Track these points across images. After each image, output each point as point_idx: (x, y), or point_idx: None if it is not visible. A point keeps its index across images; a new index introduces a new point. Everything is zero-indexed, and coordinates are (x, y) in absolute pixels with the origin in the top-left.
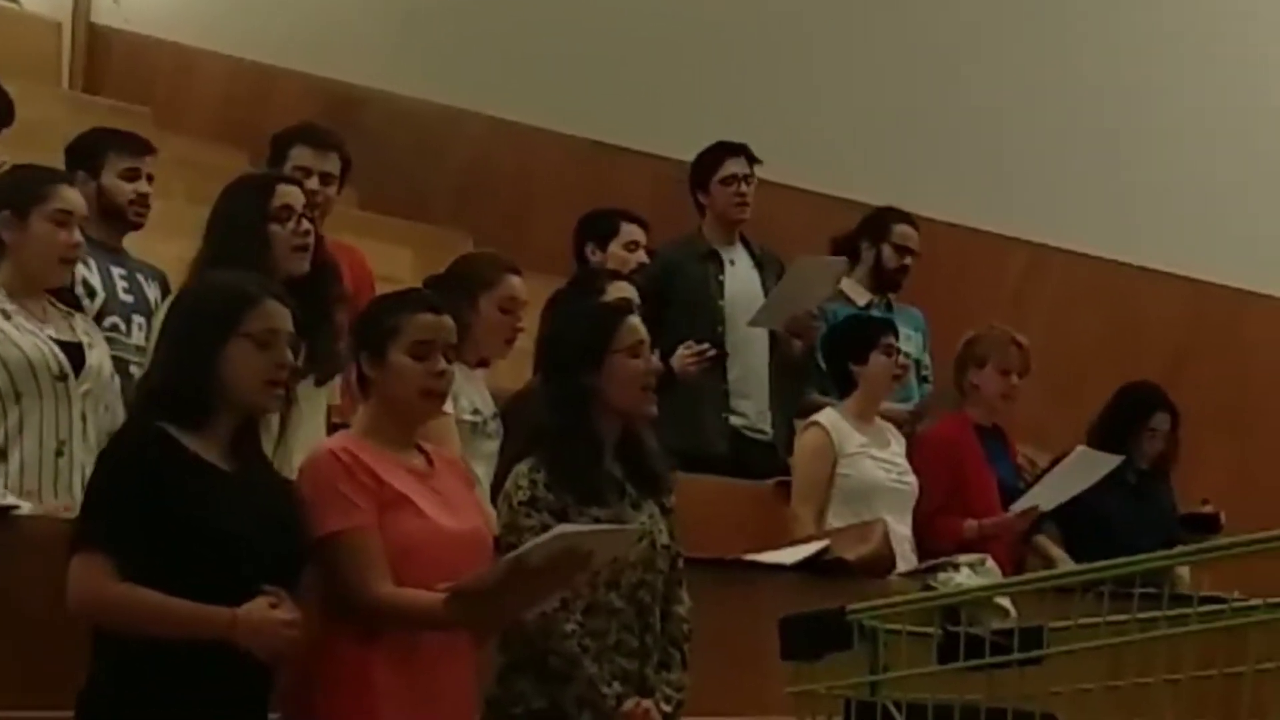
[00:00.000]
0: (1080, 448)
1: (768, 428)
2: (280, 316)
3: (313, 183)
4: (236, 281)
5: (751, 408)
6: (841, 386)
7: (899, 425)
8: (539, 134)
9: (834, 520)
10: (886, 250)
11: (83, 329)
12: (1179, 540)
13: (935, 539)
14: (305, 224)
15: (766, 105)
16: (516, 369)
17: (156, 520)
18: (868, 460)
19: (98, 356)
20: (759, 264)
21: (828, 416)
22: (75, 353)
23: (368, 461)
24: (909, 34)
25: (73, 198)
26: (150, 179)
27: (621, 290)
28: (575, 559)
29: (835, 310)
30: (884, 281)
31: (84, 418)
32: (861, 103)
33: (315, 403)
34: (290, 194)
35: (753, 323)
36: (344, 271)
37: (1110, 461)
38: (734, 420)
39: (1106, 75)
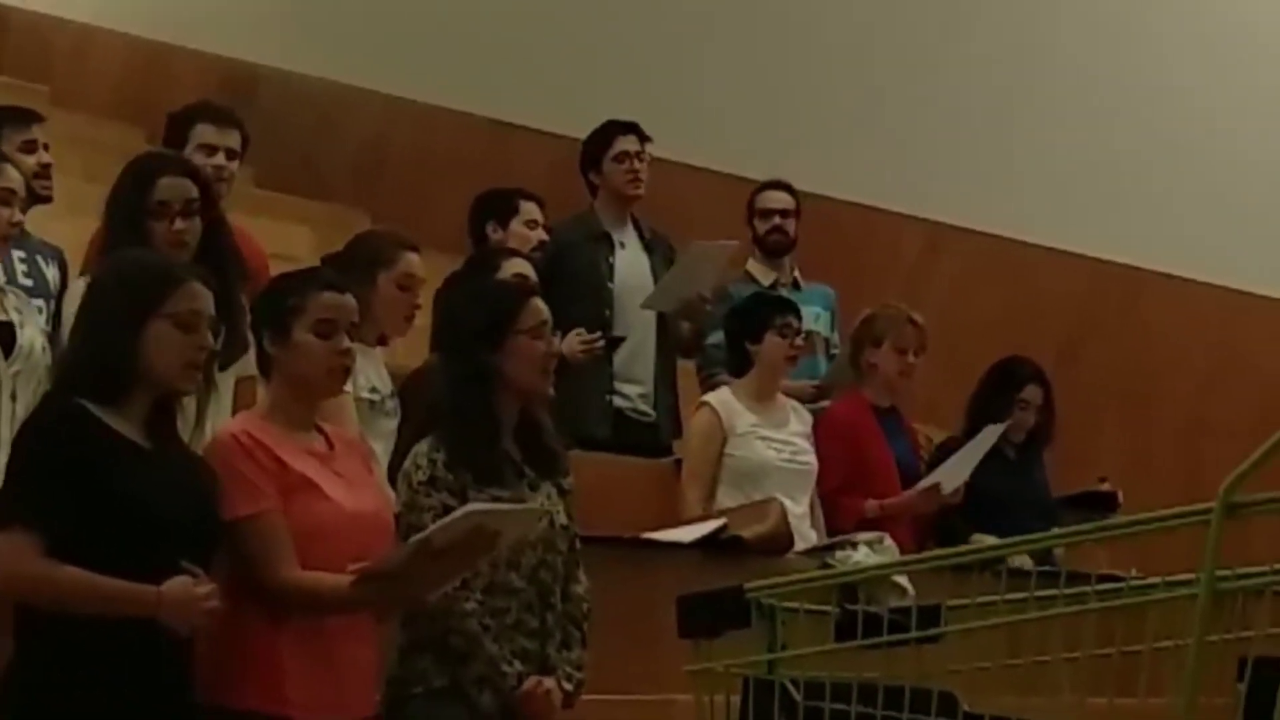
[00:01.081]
0: (990, 426)
1: (651, 410)
2: (203, 298)
3: (218, 158)
4: (161, 262)
5: (636, 390)
6: (738, 366)
7: (802, 400)
8: (437, 112)
9: (724, 500)
10: (756, 220)
11: (13, 305)
12: (1057, 516)
13: (838, 518)
14: (181, 223)
15: (662, 83)
16: (413, 347)
17: (79, 496)
18: (758, 440)
19: (29, 335)
20: (648, 247)
21: (718, 397)
22: (6, 332)
23: (269, 444)
24: (805, 11)
25: (12, 173)
26: (47, 148)
27: (518, 267)
28: (482, 538)
29: (738, 291)
30: (769, 250)
31: (14, 397)
32: (758, 81)
33: (222, 386)
34: (170, 189)
35: (645, 305)
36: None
37: (995, 430)
38: (618, 402)
39: (1003, 54)
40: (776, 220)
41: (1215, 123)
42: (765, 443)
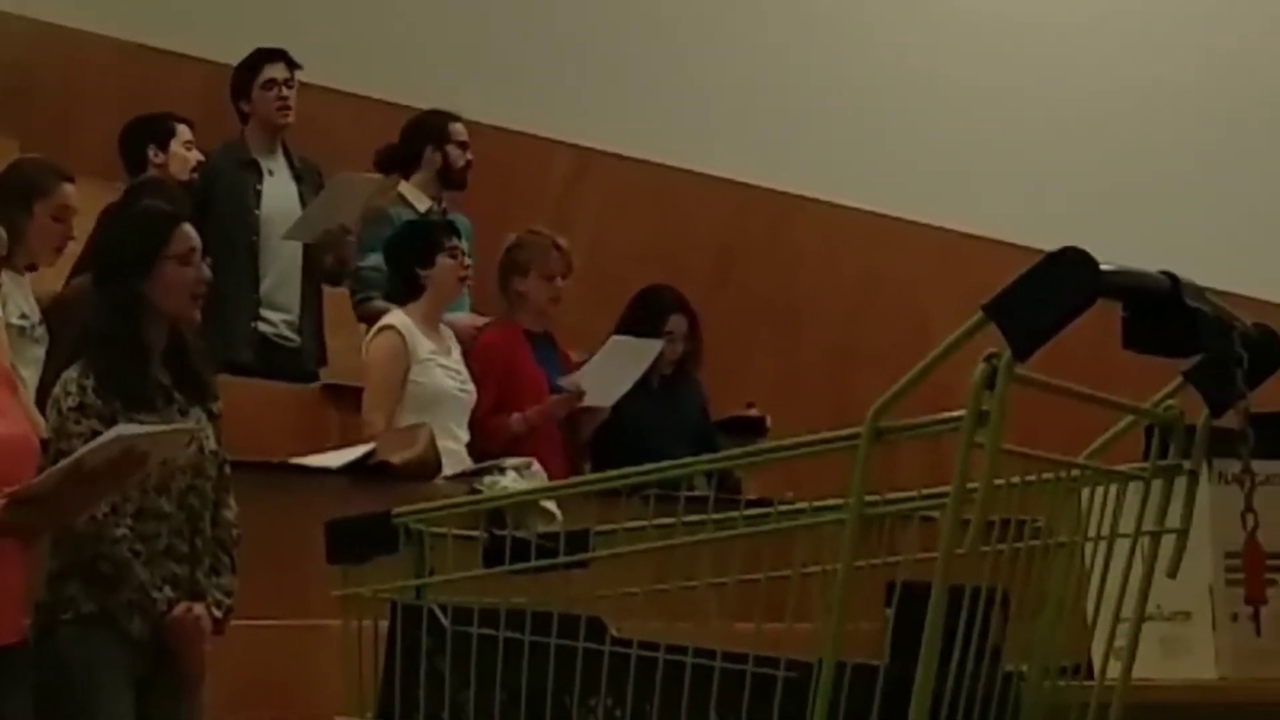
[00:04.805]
0: (615, 337)
1: (296, 335)
2: None
3: None
4: None
5: (281, 316)
6: (408, 292)
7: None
8: (85, 37)
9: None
10: (452, 150)
11: None
12: (712, 442)
13: (486, 440)
14: None
15: (316, 11)
16: (56, 272)
17: None
18: (438, 368)
19: None
20: (297, 175)
21: (400, 320)
22: None
23: None
24: None
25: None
26: None
27: None
28: (132, 460)
29: (398, 215)
30: (452, 181)
31: None
32: (404, 6)
33: None
34: None
35: (287, 236)
36: None
37: (651, 347)
38: (263, 328)
39: None
40: (469, 154)
41: (860, 49)
42: (444, 371)
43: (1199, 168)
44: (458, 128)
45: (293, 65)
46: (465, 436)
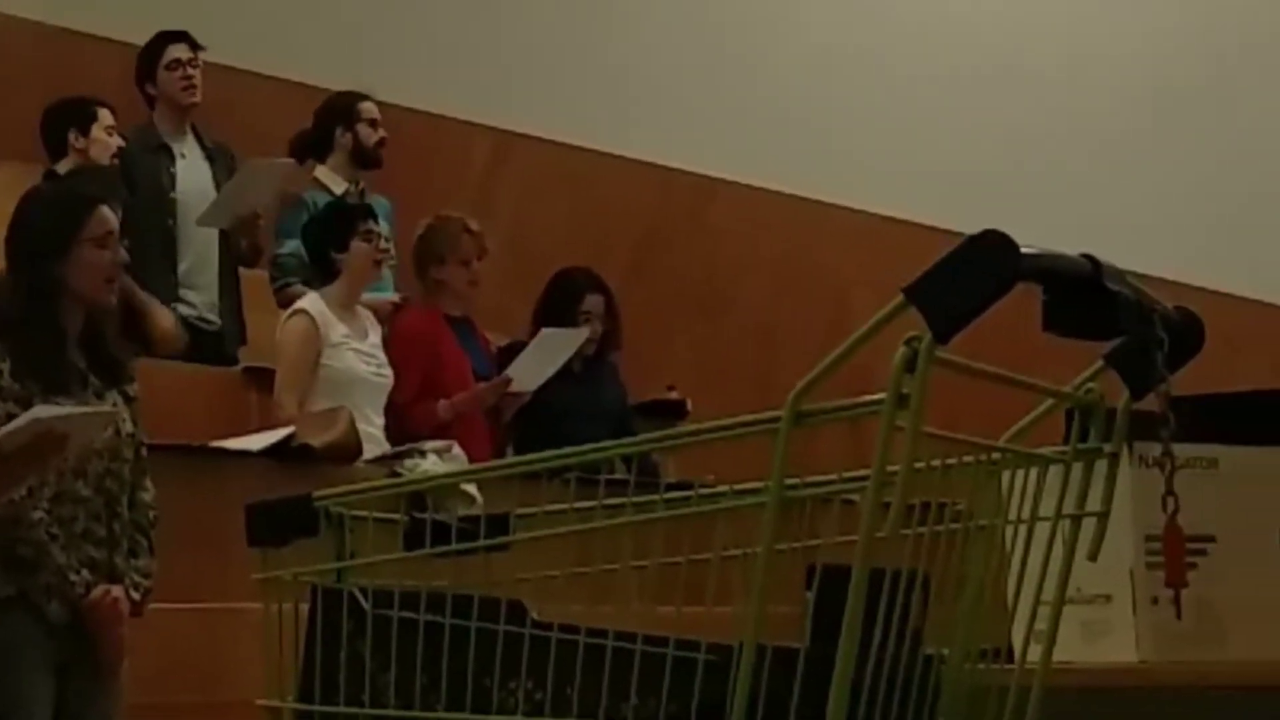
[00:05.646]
0: (544, 330)
1: (216, 318)
2: None
3: None
4: None
5: (200, 299)
6: (323, 275)
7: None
8: (4, 20)
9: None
10: (362, 129)
11: None
12: (629, 425)
13: (412, 426)
14: None
15: None
16: None
17: None
18: (349, 352)
19: None
20: (210, 157)
21: (313, 304)
22: None
23: None
24: None
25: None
26: None
27: None
28: (50, 442)
29: (314, 200)
30: (367, 160)
31: None
32: None
33: None
34: None
35: (200, 222)
36: None
37: (577, 335)
38: (182, 310)
39: None
40: (382, 134)
41: (780, 33)
42: (356, 354)
43: (1122, 151)
44: (366, 106)
45: (196, 46)
46: (380, 421)
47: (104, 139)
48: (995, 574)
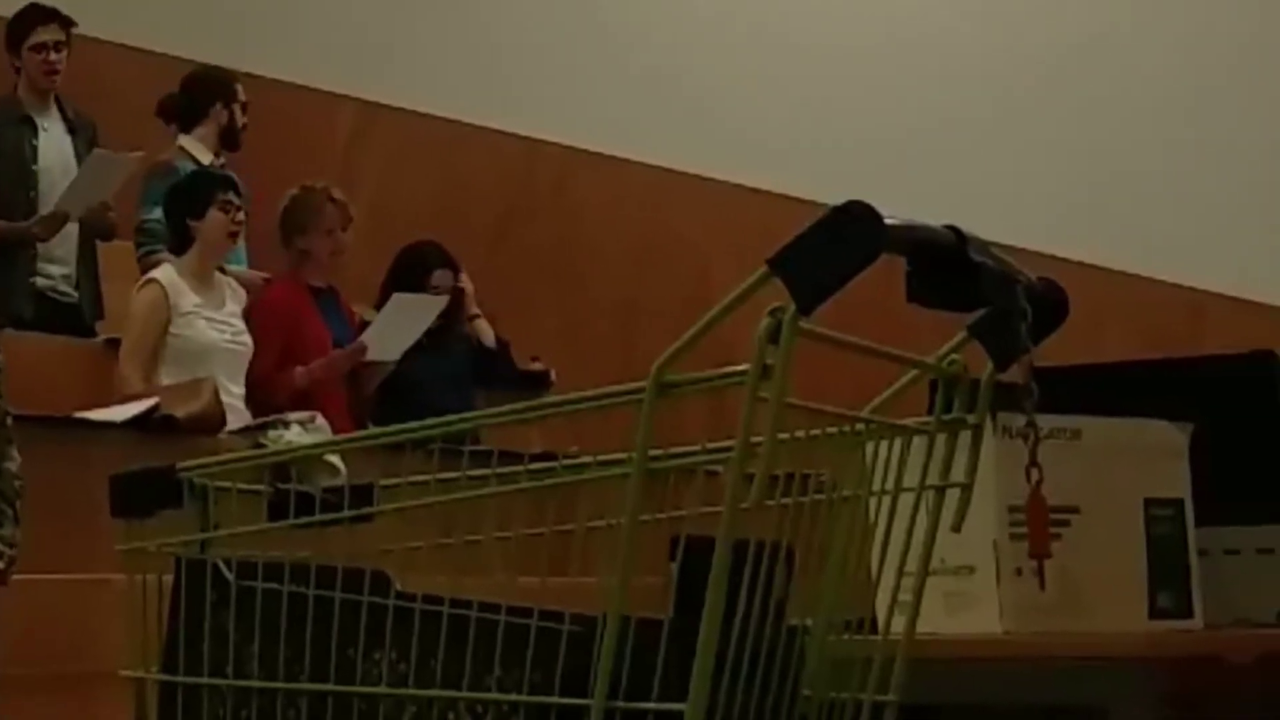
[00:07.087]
0: (396, 294)
1: (73, 290)
2: None
3: None
4: None
5: (58, 271)
6: (179, 243)
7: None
8: None
9: (165, 380)
10: (238, 111)
11: None
12: (470, 396)
13: (272, 396)
14: None
15: None
16: None
17: None
18: (201, 321)
19: None
20: (72, 129)
21: (165, 274)
22: None
23: None
24: None
25: None
26: None
27: None
28: None
29: (184, 167)
30: (234, 142)
31: None
32: None
33: None
34: None
35: (57, 208)
36: None
37: (434, 302)
38: (41, 282)
39: None
40: (246, 115)
41: (646, 4)
42: (209, 323)
43: (987, 123)
44: (240, 88)
45: (67, 24)
46: (240, 390)
47: None
48: (859, 545)
